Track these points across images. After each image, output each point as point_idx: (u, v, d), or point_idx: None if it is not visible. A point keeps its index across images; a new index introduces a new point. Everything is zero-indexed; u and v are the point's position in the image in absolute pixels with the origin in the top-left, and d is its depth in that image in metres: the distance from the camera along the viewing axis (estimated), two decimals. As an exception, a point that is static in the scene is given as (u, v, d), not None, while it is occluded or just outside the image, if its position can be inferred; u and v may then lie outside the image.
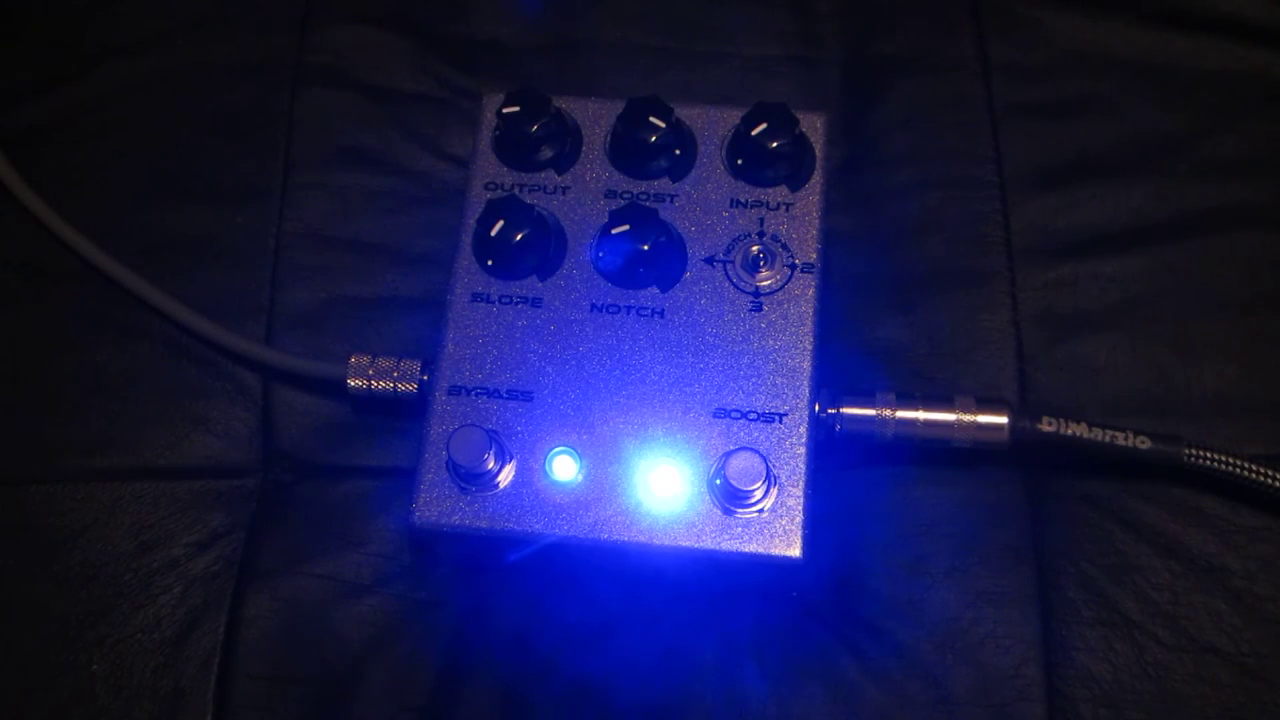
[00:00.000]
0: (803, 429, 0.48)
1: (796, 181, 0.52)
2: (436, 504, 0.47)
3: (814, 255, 0.51)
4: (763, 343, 0.49)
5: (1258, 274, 0.56)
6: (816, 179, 0.52)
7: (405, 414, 0.53)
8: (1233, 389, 0.54)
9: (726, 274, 0.50)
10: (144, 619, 0.51)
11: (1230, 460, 0.50)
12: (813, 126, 0.53)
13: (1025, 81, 0.61)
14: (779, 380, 0.49)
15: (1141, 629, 0.50)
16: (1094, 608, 0.51)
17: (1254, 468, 0.50)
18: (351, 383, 0.52)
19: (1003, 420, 0.50)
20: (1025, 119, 0.60)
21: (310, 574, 0.52)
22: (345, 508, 0.53)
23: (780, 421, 0.48)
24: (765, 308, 0.50)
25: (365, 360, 0.52)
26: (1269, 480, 0.50)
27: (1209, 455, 0.50)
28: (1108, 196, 0.58)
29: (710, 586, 0.51)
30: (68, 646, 0.51)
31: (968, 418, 0.50)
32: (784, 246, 0.51)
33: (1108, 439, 0.50)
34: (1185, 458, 0.50)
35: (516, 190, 0.52)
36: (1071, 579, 0.51)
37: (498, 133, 0.53)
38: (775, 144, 0.51)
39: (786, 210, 0.51)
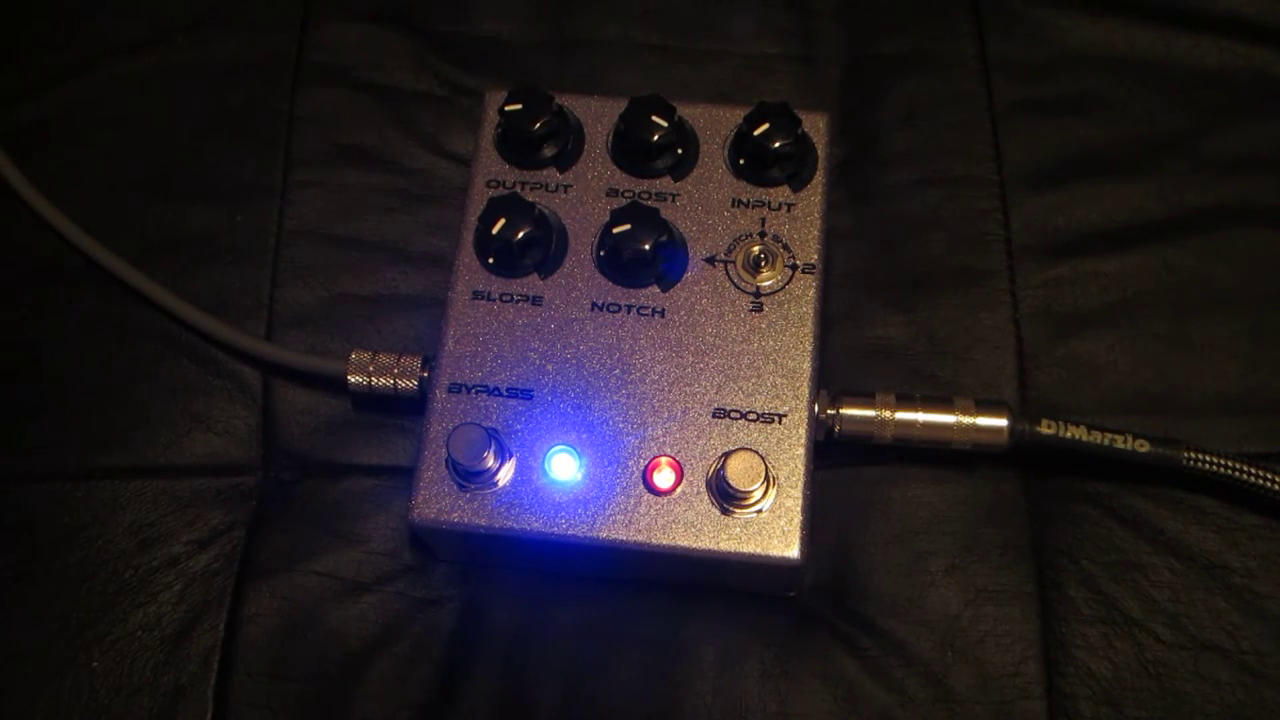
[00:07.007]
0: (802, 430, 0.48)
1: (798, 181, 0.52)
2: (436, 501, 0.47)
3: (815, 256, 0.51)
4: (763, 343, 0.49)
5: (1257, 272, 0.57)
6: (818, 179, 0.52)
7: (405, 411, 0.53)
8: (1233, 387, 0.54)
9: (727, 274, 0.50)
10: (144, 617, 0.51)
11: (1229, 463, 0.50)
12: (815, 126, 0.53)
13: (1025, 80, 0.61)
14: (779, 380, 0.49)
15: (1141, 626, 0.50)
16: (1094, 605, 0.51)
17: (1254, 470, 0.50)
18: (352, 379, 0.52)
19: (1002, 423, 0.50)
20: (1025, 117, 0.60)
21: (310, 572, 0.52)
22: (345, 505, 0.53)
23: (780, 422, 0.48)
24: (766, 308, 0.50)
25: (366, 357, 0.52)
26: (1268, 483, 0.50)
27: (1208, 459, 0.50)
28: (1108, 195, 0.58)
29: (708, 586, 0.51)
30: (68, 644, 0.51)
31: (967, 420, 0.50)
32: (785, 247, 0.51)
33: (1107, 442, 0.50)
34: (1184, 461, 0.50)
35: (518, 188, 0.52)
36: (1071, 576, 0.51)
37: (500, 130, 0.53)
38: (778, 144, 0.51)
39: (788, 210, 0.51)
